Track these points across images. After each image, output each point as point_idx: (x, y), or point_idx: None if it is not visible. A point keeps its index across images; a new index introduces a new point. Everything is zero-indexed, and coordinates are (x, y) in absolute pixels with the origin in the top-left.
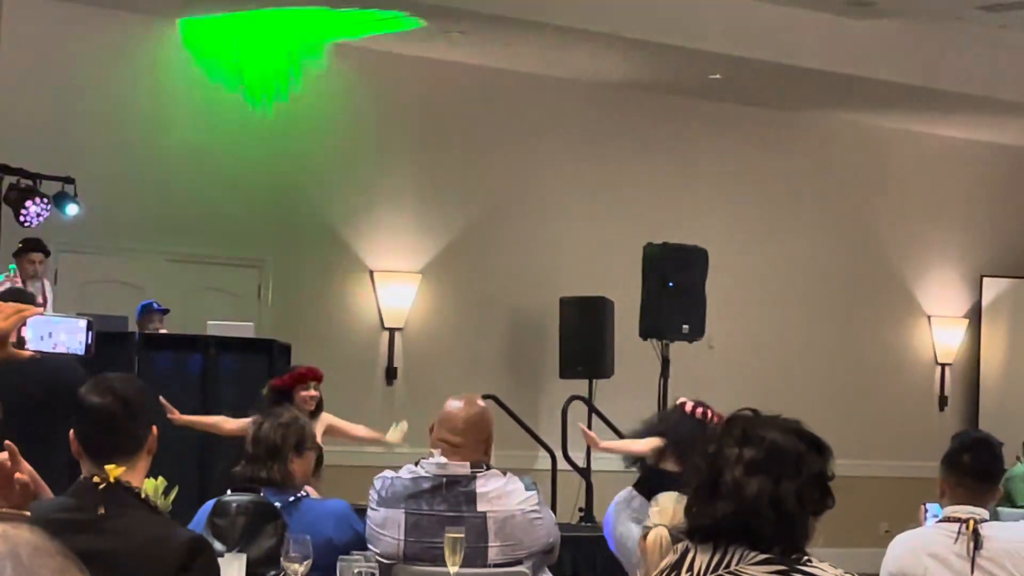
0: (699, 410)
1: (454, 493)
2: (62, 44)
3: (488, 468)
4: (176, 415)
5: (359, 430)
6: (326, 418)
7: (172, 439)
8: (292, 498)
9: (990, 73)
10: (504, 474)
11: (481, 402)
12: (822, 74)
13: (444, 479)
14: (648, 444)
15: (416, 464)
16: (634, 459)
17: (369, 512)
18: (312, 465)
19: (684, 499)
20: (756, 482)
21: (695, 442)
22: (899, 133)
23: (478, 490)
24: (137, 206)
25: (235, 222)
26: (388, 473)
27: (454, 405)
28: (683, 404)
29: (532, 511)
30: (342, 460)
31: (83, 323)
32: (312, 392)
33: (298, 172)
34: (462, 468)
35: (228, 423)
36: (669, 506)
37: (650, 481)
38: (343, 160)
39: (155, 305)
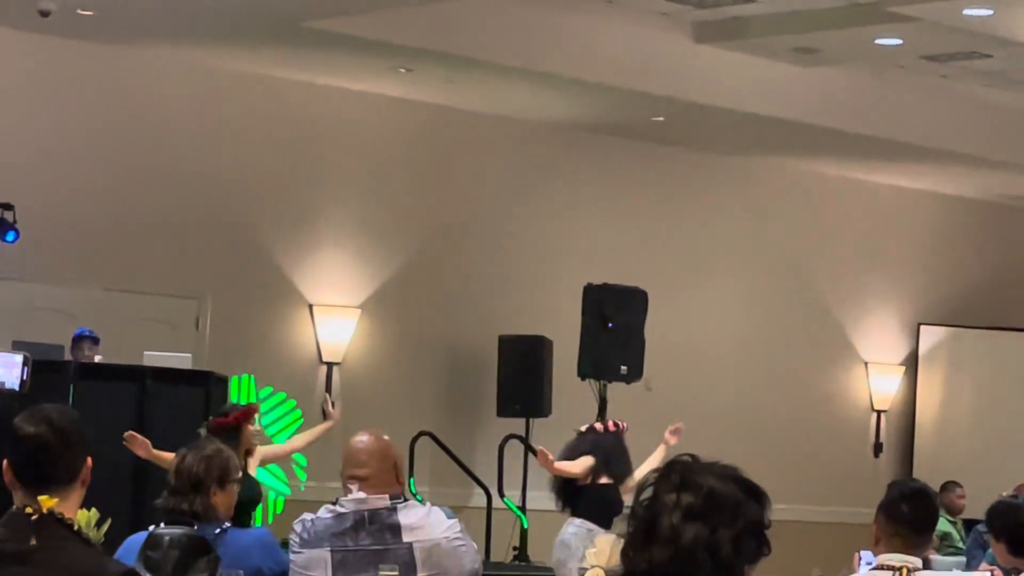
0: (610, 424)
1: (377, 526)
2: (1, 71)
3: (406, 499)
4: (147, 450)
5: (297, 440)
6: (261, 451)
7: (105, 470)
8: (217, 530)
9: (930, 122)
10: (423, 503)
11: (384, 436)
12: (764, 120)
13: (365, 513)
14: (582, 464)
15: (335, 502)
16: (565, 498)
17: (292, 556)
18: (235, 498)
19: (620, 541)
20: (693, 529)
21: (619, 450)
22: (840, 180)
23: (401, 521)
24: (75, 234)
25: (174, 253)
26: (307, 515)
27: (353, 441)
28: (593, 427)
29: (456, 538)
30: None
31: (19, 358)
32: (258, 427)
33: (238, 204)
34: (381, 500)
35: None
36: (606, 548)
37: (590, 500)
38: (284, 193)
39: (86, 332)
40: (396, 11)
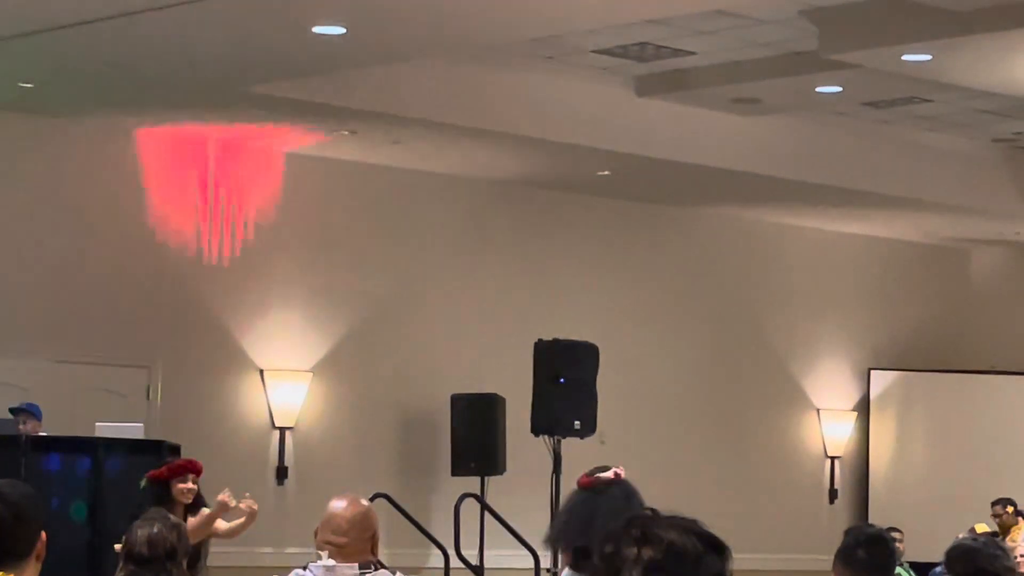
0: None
1: None
2: None
3: (377, 568)
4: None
5: (222, 526)
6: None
7: (61, 545)
8: None
9: (873, 168)
10: (394, 573)
11: (364, 501)
12: (708, 170)
13: None
14: None
15: (304, 568)
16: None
17: None
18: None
19: None
20: None
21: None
22: (786, 228)
23: None
24: (23, 307)
25: (122, 322)
26: None
27: (337, 505)
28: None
29: None
30: (235, 561)
31: None
32: (190, 485)
33: (185, 271)
34: (350, 569)
35: None
36: None
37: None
38: (232, 258)
39: (23, 406)
40: (339, 74)
